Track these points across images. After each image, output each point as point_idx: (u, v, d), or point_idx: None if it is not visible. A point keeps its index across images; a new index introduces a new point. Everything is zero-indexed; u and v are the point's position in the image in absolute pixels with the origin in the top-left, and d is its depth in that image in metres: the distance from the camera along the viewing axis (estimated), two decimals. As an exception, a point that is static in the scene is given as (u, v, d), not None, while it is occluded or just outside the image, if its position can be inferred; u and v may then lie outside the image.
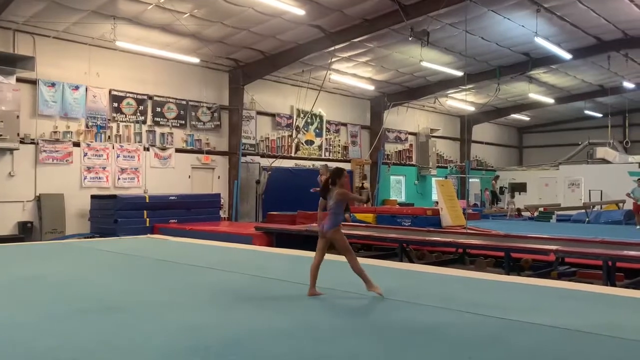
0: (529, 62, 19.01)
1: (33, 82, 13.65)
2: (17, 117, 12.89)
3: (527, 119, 29.66)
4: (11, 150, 13.06)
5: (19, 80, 13.21)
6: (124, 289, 5.99)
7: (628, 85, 22.04)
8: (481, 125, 28.47)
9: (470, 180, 26.77)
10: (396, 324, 4.47)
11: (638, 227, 15.48)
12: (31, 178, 13.61)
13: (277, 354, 3.64)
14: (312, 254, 6.21)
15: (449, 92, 22.60)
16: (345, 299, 5.48)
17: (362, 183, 20.05)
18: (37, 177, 13.70)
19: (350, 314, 4.86)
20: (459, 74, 18.41)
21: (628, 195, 16.63)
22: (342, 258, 5.54)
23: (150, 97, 16.06)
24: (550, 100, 24.30)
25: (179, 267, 7.65)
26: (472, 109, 25.43)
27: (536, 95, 23.31)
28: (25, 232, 13.21)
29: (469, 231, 11.67)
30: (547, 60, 18.83)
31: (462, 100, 24.33)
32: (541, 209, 21.76)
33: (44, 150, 13.81)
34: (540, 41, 15.43)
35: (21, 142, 13.20)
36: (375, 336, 4.12)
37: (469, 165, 27.32)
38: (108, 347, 3.79)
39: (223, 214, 17.03)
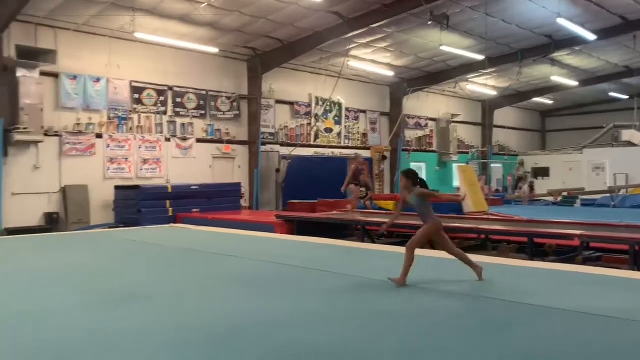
0: (551, 44, 18.64)
1: (55, 76, 13.85)
2: (41, 110, 13.13)
3: (550, 102, 29.14)
4: (36, 142, 13.31)
5: (42, 74, 13.40)
6: (147, 278, 6.09)
7: (655, 65, 21.50)
8: (503, 109, 28.09)
9: (492, 165, 26.51)
10: (417, 310, 4.46)
11: None
12: (56, 170, 13.87)
13: (296, 339, 3.67)
14: (332, 241, 6.23)
15: (469, 76, 22.31)
16: (368, 286, 5.49)
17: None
18: (62, 169, 13.95)
19: (368, 300, 4.86)
20: (480, 57, 18.17)
21: None
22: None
23: (171, 88, 16.17)
24: (574, 83, 23.82)
25: (202, 256, 7.74)
26: (493, 93, 25.08)
27: (559, 78, 22.88)
28: (51, 223, 13.48)
29: (491, 217, 11.56)
30: (571, 42, 18.44)
31: (483, 85, 24.02)
32: (565, 194, 21.45)
33: (68, 143, 14.04)
34: (563, 22, 15.10)
35: (45, 135, 13.44)
36: (395, 322, 4.12)
37: (491, 150, 27.07)
38: (132, 333, 3.87)
39: (244, 202, 17.14)
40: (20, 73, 12.85)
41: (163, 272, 6.48)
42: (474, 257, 7.44)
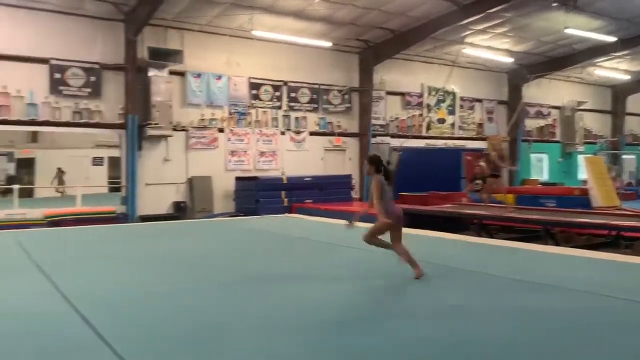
0: (698, 20, 16.61)
1: (182, 74, 14.88)
2: (170, 106, 14.21)
3: (696, 85, 26.00)
4: (166, 137, 14.43)
5: (170, 72, 14.45)
6: (266, 264, 6.38)
7: None
8: (637, 95, 25.55)
9: (624, 157, 24.31)
10: (543, 309, 4.24)
11: None
12: (183, 162, 14.93)
13: (408, 334, 3.66)
14: (452, 236, 6.12)
15: (598, 60, 20.57)
16: (488, 283, 5.32)
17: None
18: (188, 161, 14.99)
19: (490, 295, 4.70)
20: (611, 39, 16.70)
21: None
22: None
23: (285, 83, 16.69)
24: None
25: (317, 244, 7.96)
26: (626, 77, 22.93)
27: None
28: (179, 211, 14.57)
29: (623, 212, 10.64)
30: None
31: (614, 69, 22.06)
32: None
33: (193, 137, 15.04)
34: None
35: (174, 130, 14.52)
36: (524, 320, 3.95)
37: (623, 140, 24.80)
38: (260, 313, 4.08)
39: (354, 194, 17.27)
40: (151, 73, 13.98)
41: (283, 259, 6.76)
42: (602, 255, 6.93)
